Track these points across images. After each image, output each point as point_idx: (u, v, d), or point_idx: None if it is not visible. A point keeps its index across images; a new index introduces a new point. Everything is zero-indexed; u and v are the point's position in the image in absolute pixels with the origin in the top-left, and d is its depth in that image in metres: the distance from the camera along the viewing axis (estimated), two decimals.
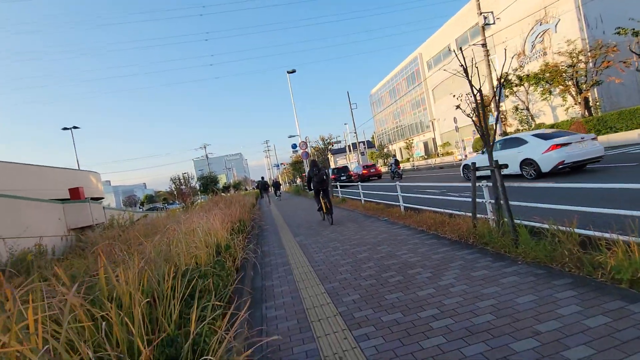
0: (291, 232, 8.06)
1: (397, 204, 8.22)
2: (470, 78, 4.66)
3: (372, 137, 71.84)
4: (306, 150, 20.54)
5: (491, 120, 20.16)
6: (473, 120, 4.74)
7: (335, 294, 3.55)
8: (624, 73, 18.51)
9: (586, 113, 19.71)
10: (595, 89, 20.25)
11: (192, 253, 3.76)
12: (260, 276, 4.69)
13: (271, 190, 23.78)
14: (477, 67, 4.79)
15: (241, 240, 5.83)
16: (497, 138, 12.45)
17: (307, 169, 21.84)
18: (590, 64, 18.94)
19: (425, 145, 41.98)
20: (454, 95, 6.84)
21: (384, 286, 3.51)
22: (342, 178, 23.81)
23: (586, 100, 19.80)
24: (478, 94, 4.72)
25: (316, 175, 8.96)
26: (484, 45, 20.02)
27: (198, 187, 17.43)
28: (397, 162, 22.60)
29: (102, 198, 32.53)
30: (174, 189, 18.55)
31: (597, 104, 19.98)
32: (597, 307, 2.38)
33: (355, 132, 44.49)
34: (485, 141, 4.50)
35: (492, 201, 4.59)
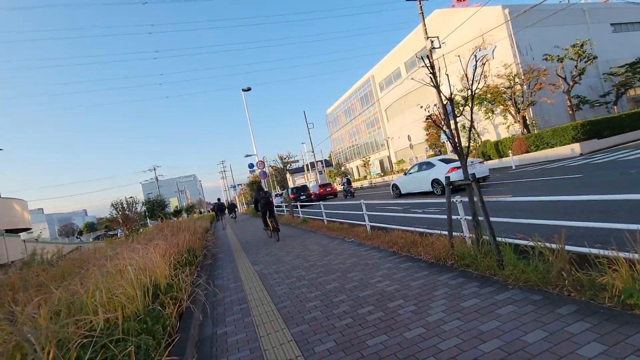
0: (249, 260, 7.21)
1: (363, 223, 7.79)
2: (438, 84, 4.41)
3: (329, 156, 72.74)
4: (264, 169, 19.75)
5: (443, 137, 21.06)
6: (445, 131, 4.45)
7: (305, 341, 2.88)
8: (553, 94, 20.47)
9: (525, 130, 21.38)
10: (530, 109, 22.14)
11: (116, 302, 2.87)
12: (210, 320, 3.85)
13: (226, 212, 22.96)
14: (437, 82, 4.57)
15: (188, 274, 4.92)
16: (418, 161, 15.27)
17: (264, 189, 20.98)
18: (525, 87, 20.72)
19: (381, 162, 43.10)
20: (422, 107, 6.68)
21: (363, 327, 2.91)
22: (301, 197, 23.22)
23: (524, 118, 21.53)
24: (448, 103, 4.47)
25: (263, 198, 9.82)
26: (432, 67, 21.03)
27: (144, 213, 15.69)
28: (349, 181, 23.96)
29: (29, 229, 28.56)
30: (116, 215, 16.59)
31: (534, 122, 21.81)
32: (622, 344, 1.99)
33: (313, 151, 44.53)
34: (459, 153, 4.21)
35: (468, 218, 4.28)
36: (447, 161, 12.32)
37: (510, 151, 18.30)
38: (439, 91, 4.42)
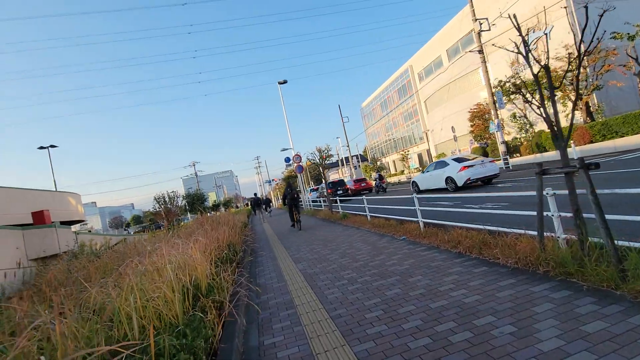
0: (291, 257, 6.77)
1: (413, 219, 7.07)
2: (528, 50, 3.61)
3: (364, 151, 71.36)
4: (300, 163, 19.40)
5: (492, 128, 19.46)
6: (542, 109, 3.65)
7: None
8: (625, 76, 18.09)
9: (588, 119, 19.15)
10: (594, 94, 19.79)
11: (153, 306, 2.48)
12: (256, 327, 3.40)
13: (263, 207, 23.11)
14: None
15: (230, 273, 4.54)
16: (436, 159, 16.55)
17: (300, 183, 20.64)
18: (589, 69, 18.50)
19: (420, 157, 41.33)
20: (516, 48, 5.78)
21: (449, 352, 2.27)
22: (339, 192, 22.65)
23: (587, 105, 19.29)
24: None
25: (289, 194, 11.67)
26: (480, 51, 19.49)
27: (184, 206, 16.01)
28: (381, 177, 23.58)
29: (84, 221, 30.65)
30: (159, 209, 17.07)
31: (598, 109, 19.47)
32: None
33: (348, 146, 43.79)
34: (557, 134, 3.40)
35: (563, 214, 3.45)
36: (459, 160, 12.94)
37: (572, 142, 16.40)
38: (527, 59, 3.60)
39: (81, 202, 29.11)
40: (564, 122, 22.51)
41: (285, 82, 19.69)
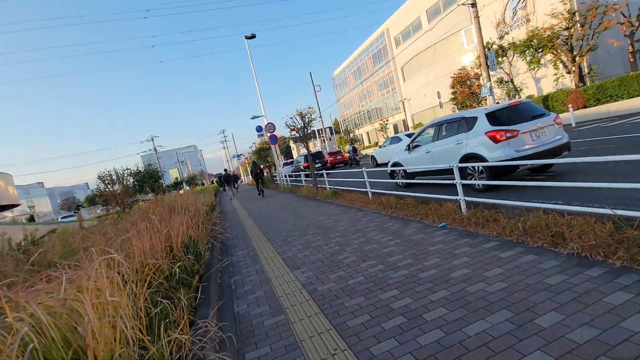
0: (283, 258, 4.65)
1: (440, 196, 5.19)
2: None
3: (335, 123, 68.80)
4: (273, 133, 16.89)
5: (484, 92, 17.95)
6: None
7: None
8: (626, 35, 17.03)
9: (579, 83, 18.15)
10: (585, 58, 18.73)
11: None
12: None
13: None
14: None
15: (186, 303, 2.35)
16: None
17: (275, 156, 18.26)
18: (586, 27, 17.22)
19: (395, 127, 39.91)
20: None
21: None
22: (316, 165, 20.52)
23: (579, 68, 18.22)
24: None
25: (253, 171, 16.28)
26: (474, 4, 17.50)
27: (134, 185, 13.07)
28: (355, 149, 23.06)
29: (17, 205, 26.34)
30: (105, 189, 14.06)
31: (591, 72, 18.49)
32: None
33: (321, 116, 41.29)
34: None
35: None
36: (411, 136, 11.31)
37: (570, 106, 15.24)
38: None
39: (12, 183, 24.73)
40: (549, 88, 21.59)
41: (253, 36, 16.68)
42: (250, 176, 15.60)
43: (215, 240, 6.19)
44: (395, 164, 8.45)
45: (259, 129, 17.00)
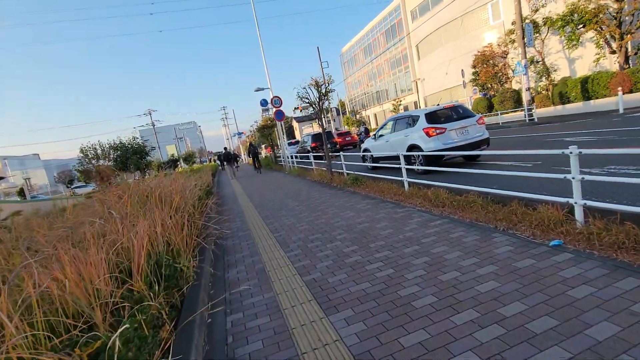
0: (306, 286, 3.05)
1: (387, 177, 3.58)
2: None
3: (339, 104, 65.94)
4: (279, 108, 15.05)
5: (518, 70, 15.96)
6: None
7: None
8: None
9: (625, 64, 16.15)
10: (632, 37, 16.62)
11: None
12: None
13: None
14: None
15: None
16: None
17: (280, 134, 16.53)
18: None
19: (406, 109, 37.75)
20: None
21: None
22: (323, 147, 18.72)
23: (625, 48, 16.17)
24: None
25: (252, 151, 19.46)
26: None
27: (114, 161, 11.30)
28: (367, 130, 21.35)
29: (3, 178, 24.82)
30: (87, 164, 12.38)
31: (638, 52, 16.44)
32: None
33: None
34: None
35: None
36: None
37: (619, 89, 13.34)
38: None
39: None
40: (583, 70, 19.54)
41: None
42: (249, 156, 19.31)
43: (207, 241, 4.57)
44: (365, 150, 10.16)
45: (263, 102, 15.16)
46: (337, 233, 4.46)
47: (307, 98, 9.49)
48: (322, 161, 12.20)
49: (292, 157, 15.24)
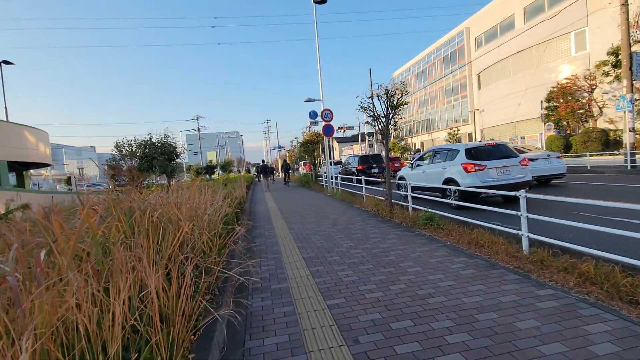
0: None
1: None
2: None
3: (375, 132, 63.90)
4: (329, 122, 13.50)
5: (620, 106, 13.25)
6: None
7: None
8: None
9: None
10: None
11: None
12: None
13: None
14: None
15: None
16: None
17: (326, 148, 14.91)
18: None
19: (459, 141, 35.02)
20: None
21: None
22: (372, 170, 16.84)
23: None
24: None
25: (284, 167, 22.39)
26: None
27: (140, 160, 10.19)
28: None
29: (48, 164, 25.39)
30: (117, 162, 11.50)
31: None
32: None
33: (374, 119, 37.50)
34: None
35: None
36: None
37: None
38: None
39: (47, 141, 23.65)
40: None
41: (324, 0, 13.41)
42: (282, 171, 22.59)
43: (221, 300, 2.81)
44: (400, 178, 10.01)
45: (313, 114, 13.75)
46: (441, 324, 2.51)
47: (370, 110, 7.75)
48: (374, 187, 10.31)
49: (335, 178, 13.47)
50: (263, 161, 23.08)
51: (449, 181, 7.70)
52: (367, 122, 8.40)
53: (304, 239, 5.70)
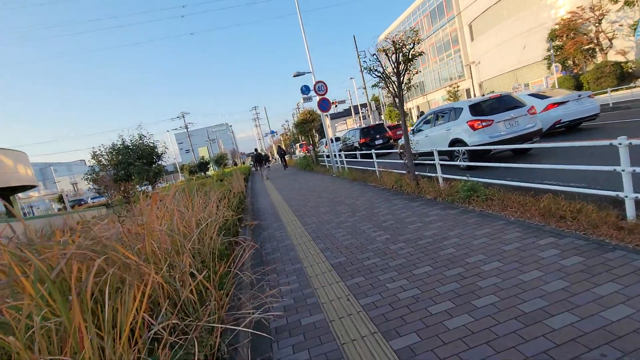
0: None
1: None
2: None
3: (374, 98, 61.79)
4: (324, 96, 12.20)
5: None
6: None
7: None
8: None
9: None
10: None
11: None
12: None
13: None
14: None
15: None
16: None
17: (324, 125, 13.69)
18: None
19: (457, 98, 33.49)
20: None
21: None
22: (376, 142, 15.67)
23: None
24: None
25: (280, 153, 25.09)
26: None
27: (114, 169, 8.77)
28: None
29: (33, 186, 24.08)
30: (98, 173, 10.30)
31: None
32: None
33: (365, 88, 36.13)
34: None
35: None
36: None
37: None
38: None
39: (27, 162, 22.16)
40: None
41: None
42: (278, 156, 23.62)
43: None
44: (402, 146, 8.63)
45: (305, 89, 12.39)
46: None
47: (377, 71, 6.51)
48: (382, 160, 9.19)
49: (339, 155, 12.32)
50: (256, 150, 22.60)
51: (456, 142, 7.34)
52: (375, 85, 7.02)
53: (325, 237, 4.63)
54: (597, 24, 17.08)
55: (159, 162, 8.87)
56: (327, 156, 14.79)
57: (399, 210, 5.17)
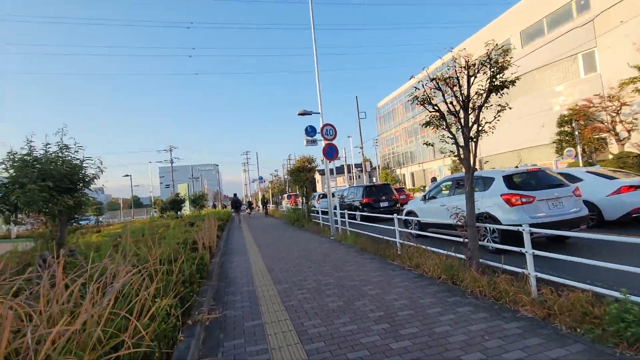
0: None
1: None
2: None
3: (364, 160, 61.30)
4: (331, 142, 10.26)
5: None
6: None
7: None
8: None
9: None
10: None
11: None
12: None
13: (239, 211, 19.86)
14: None
15: None
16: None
17: (327, 175, 11.55)
18: None
19: (459, 171, 32.81)
20: None
21: None
22: (381, 204, 13.53)
23: None
24: None
25: (262, 202, 29.56)
26: None
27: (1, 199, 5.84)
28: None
29: None
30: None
31: None
32: None
33: (362, 147, 35.51)
34: None
35: None
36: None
37: None
38: None
39: None
40: None
41: None
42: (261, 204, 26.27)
43: None
44: (409, 213, 8.50)
45: (310, 130, 10.41)
46: None
47: (431, 103, 4.63)
48: (379, 225, 6.94)
49: (342, 216, 9.99)
50: (235, 195, 21.57)
51: (482, 217, 6.12)
52: (426, 124, 5.01)
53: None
54: (616, 113, 16.62)
55: (83, 191, 5.87)
56: (323, 212, 12.47)
57: (492, 343, 2.73)
